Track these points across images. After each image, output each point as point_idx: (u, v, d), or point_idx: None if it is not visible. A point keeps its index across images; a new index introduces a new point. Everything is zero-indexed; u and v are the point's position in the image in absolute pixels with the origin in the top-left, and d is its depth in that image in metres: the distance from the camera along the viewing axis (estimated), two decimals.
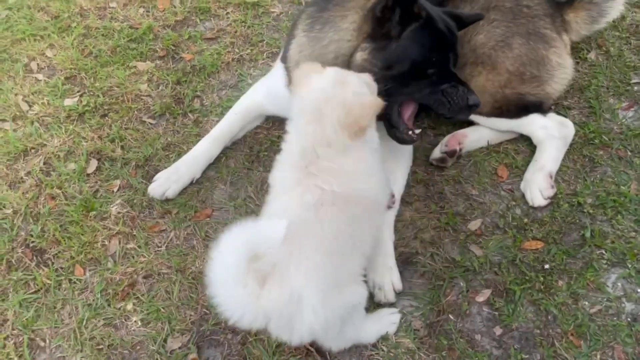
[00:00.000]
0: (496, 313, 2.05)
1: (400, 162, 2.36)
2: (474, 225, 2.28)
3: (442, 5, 2.35)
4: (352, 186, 1.71)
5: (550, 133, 2.40)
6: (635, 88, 2.71)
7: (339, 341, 1.89)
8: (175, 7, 3.35)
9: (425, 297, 2.11)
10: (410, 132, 2.12)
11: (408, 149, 2.42)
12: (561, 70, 2.45)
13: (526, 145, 2.52)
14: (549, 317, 2.01)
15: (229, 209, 2.42)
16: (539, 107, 2.42)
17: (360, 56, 2.04)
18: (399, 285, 2.08)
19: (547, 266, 2.13)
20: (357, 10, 2.06)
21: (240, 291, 1.50)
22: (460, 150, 2.46)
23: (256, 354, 2.00)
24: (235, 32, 3.16)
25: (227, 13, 3.28)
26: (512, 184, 2.42)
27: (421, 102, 2.11)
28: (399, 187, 2.32)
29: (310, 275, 1.58)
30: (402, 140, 2.13)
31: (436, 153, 2.47)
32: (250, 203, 2.43)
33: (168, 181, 2.44)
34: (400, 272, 2.13)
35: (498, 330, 2.00)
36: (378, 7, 1.97)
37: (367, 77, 1.88)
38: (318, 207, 1.65)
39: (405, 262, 2.20)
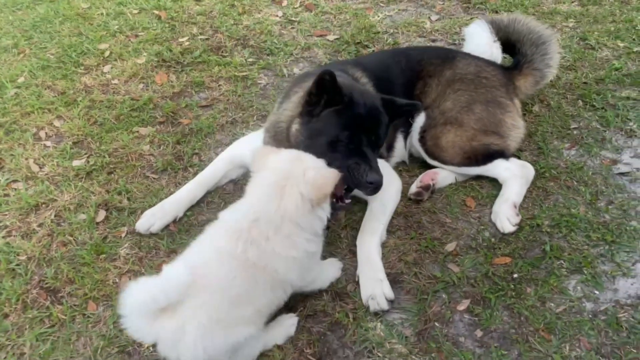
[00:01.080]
0: (476, 318, 2.30)
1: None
2: (450, 247, 2.59)
3: (412, 82, 2.89)
4: (271, 265, 1.98)
5: (514, 173, 2.79)
6: (575, 132, 3.19)
7: None
8: (172, 81, 3.77)
9: (412, 310, 2.35)
10: (337, 202, 2.24)
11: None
12: (515, 130, 2.91)
13: (487, 181, 2.90)
14: (522, 318, 2.27)
15: None
16: (502, 154, 2.83)
17: (294, 127, 2.47)
18: (390, 295, 2.33)
19: (515, 276, 2.42)
20: (304, 90, 2.50)
21: (141, 321, 1.82)
22: (434, 185, 2.83)
23: None
24: (228, 99, 3.57)
25: (220, 85, 3.71)
26: (479, 212, 2.77)
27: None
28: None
29: (197, 314, 1.84)
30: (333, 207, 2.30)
31: (413, 188, 2.83)
32: None
33: (153, 217, 2.72)
34: None
35: (479, 333, 2.25)
36: (308, 91, 2.41)
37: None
38: (227, 263, 1.94)
39: (392, 281, 2.45)
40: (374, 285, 2.34)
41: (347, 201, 2.32)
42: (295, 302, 2.39)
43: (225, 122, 3.40)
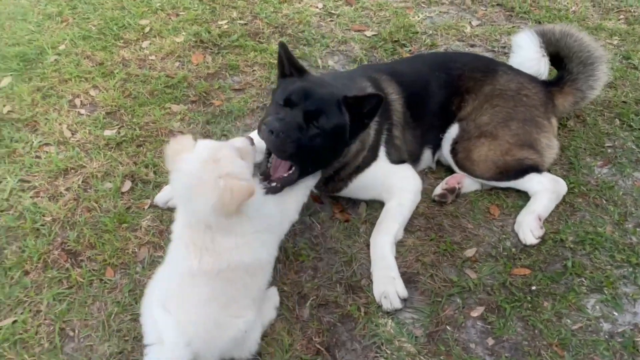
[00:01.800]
0: (489, 326, 2.27)
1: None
2: (469, 252, 2.56)
3: (450, 99, 2.83)
4: (235, 259, 1.89)
5: (545, 187, 2.73)
6: (609, 150, 3.12)
7: (243, 352, 2.06)
8: (207, 62, 3.80)
9: (425, 311, 2.33)
10: (264, 179, 2.23)
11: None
12: (549, 150, 2.84)
13: (514, 191, 2.85)
14: (536, 331, 2.24)
15: None
16: (536, 169, 2.77)
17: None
18: (403, 293, 2.32)
19: (533, 288, 2.38)
20: None
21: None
22: (459, 189, 2.79)
23: (270, 351, 2.18)
24: (260, 85, 3.59)
25: (254, 70, 3.73)
26: (502, 221, 2.73)
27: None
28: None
29: (186, 325, 1.82)
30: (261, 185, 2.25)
31: (437, 190, 2.80)
32: None
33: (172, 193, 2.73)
34: None
35: (490, 341, 2.22)
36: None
37: (241, 142, 2.01)
38: (197, 275, 1.89)
39: (407, 281, 2.44)
40: (387, 284, 2.33)
41: (273, 184, 2.22)
42: (309, 291, 2.40)
43: (255, 107, 3.41)
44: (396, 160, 2.71)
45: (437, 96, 2.84)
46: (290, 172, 2.27)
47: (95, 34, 4.06)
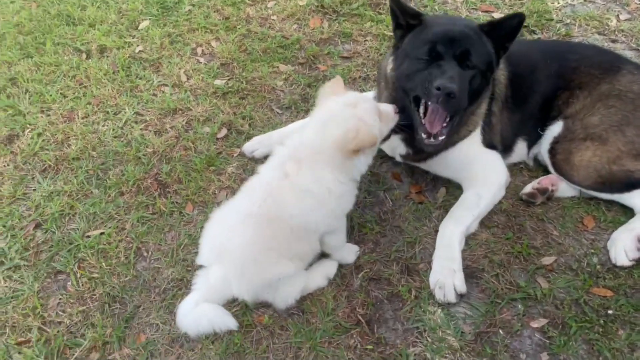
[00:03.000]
0: (547, 341, 2.08)
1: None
2: (547, 260, 2.34)
3: (556, 91, 2.58)
4: (287, 214, 2.01)
5: None
6: None
7: (277, 300, 2.17)
8: (323, 28, 3.84)
9: (480, 309, 2.20)
10: (429, 138, 2.26)
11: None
12: None
13: (619, 205, 2.53)
14: (600, 358, 2.00)
15: None
16: None
17: (389, 68, 2.46)
18: (461, 288, 2.20)
19: (610, 312, 2.12)
20: None
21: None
22: (552, 192, 2.55)
23: (313, 310, 2.22)
24: (368, 56, 3.55)
25: (366, 40, 3.69)
26: (595, 235, 2.45)
27: (416, 89, 2.25)
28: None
29: (235, 259, 2.05)
30: (421, 144, 2.30)
31: (527, 188, 2.58)
32: None
33: (259, 144, 2.86)
34: None
35: (545, 356, 2.03)
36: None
37: (387, 106, 2.15)
38: (251, 217, 2.02)
39: (469, 275, 2.31)
40: (446, 275, 2.22)
41: (441, 138, 2.24)
42: (364, 263, 2.38)
43: (358, 77, 3.39)
44: (488, 142, 2.54)
45: (542, 85, 2.59)
46: (448, 120, 2.25)
47: None
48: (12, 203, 2.76)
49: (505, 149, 2.64)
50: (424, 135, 2.27)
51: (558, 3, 3.92)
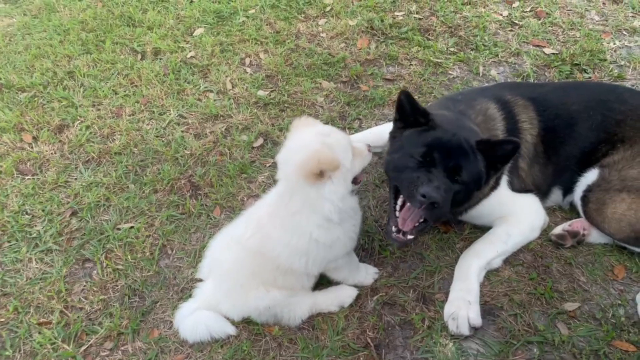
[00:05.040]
0: None
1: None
2: (570, 306, 2.26)
3: (597, 145, 2.46)
4: (273, 252, 2.01)
5: None
6: None
7: (285, 321, 2.21)
8: (370, 49, 3.88)
9: (494, 348, 2.14)
10: (398, 233, 2.19)
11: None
12: None
13: None
14: None
15: None
16: None
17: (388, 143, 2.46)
18: (476, 321, 2.15)
19: None
20: None
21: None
22: (584, 236, 2.46)
23: (323, 327, 2.22)
24: (411, 80, 3.56)
25: (411, 64, 3.70)
26: (625, 286, 2.34)
27: (400, 185, 2.21)
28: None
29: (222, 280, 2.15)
30: (388, 235, 2.23)
31: (557, 230, 2.50)
32: (367, 212, 2.71)
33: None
34: None
35: None
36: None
37: (361, 144, 2.08)
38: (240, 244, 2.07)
39: (487, 312, 2.26)
40: (460, 306, 2.18)
41: (410, 237, 2.20)
42: (380, 286, 2.37)
43: None
44: (519, 189, 2.49)
45: (582, 140, 2.48)
46: (422, 221, 2.21)
47: (283, 5, 4.41)
48: (54, 189, 2.91)
49: (540, 195, 2.56)
50: (393, 228, 2.21)
51: (614, 44, 3.81)
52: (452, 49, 3.81)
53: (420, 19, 4.17)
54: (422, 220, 2.21)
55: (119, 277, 2.47)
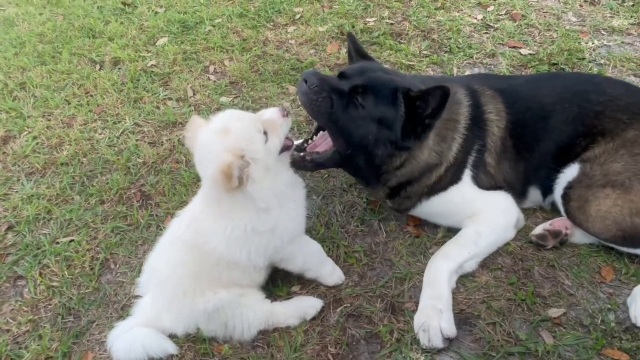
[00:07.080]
0: None
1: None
2: (555, 312, 2.02)
3: (575, 139, 2.28)
4: (211, 245, 1.82)
5: None
6: None
7: (235, 334, 1.96)
8: (340, 54, 3.72)
9: None
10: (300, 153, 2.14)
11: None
12: None
13: None
14: None
15: (311, 216, 2.50)
16: None
17: None
18: (449, 331, 1.91)
19: None
20: None
21: None
22: (567, 235, 2.24)
23: (280, 344, 1.97)
24: None
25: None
26: (614, 289, 2.11)
27: None
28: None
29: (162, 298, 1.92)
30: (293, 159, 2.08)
31: (537, 230, 2.28)
32: (333, 218, 2.48)
33: None
34: None
35: None
36: None
37: (271, 112, 1.93)
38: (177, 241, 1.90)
39: (462, 321, 2.02)
40: (431, 315, 1.93)
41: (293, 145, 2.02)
42: (345, 297, 2.12)
43: None
44: (487, 186, 2.28)
45: (557, 134, 2.28)
46: (326, 150, 2.08)
47: (252, 14, 4.26)
48: None
49: (517, 195, 2.35)
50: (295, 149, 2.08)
51: (593, 43, 3.67)
52: (425, 52, 3.66)
53: (392, 24, 4.03)
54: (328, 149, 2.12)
55: (52, 295, 2.21)
